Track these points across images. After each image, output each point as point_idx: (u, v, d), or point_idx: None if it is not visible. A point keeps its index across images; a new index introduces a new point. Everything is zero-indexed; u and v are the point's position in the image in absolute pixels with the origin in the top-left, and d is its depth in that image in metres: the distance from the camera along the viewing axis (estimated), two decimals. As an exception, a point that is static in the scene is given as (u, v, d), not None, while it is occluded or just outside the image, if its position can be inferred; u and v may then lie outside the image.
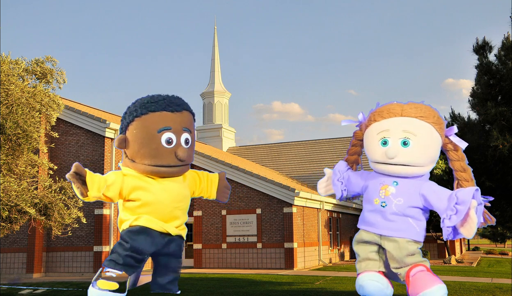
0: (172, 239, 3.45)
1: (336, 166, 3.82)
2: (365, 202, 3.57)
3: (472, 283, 13.33)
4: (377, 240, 3.46)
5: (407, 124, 3.39)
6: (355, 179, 3.73)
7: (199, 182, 3.73)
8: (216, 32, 35.78)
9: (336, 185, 3.76)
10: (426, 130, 3.39)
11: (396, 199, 3.36)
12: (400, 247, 3.34)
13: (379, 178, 3.49)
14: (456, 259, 26.34)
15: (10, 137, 9.90)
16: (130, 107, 3.41)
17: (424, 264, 3.34)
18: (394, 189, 3.39)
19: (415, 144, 3.35)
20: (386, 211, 3.37)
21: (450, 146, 3.51)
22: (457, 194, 3.21)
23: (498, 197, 10.47)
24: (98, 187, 3.23)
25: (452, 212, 3.18)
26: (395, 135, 3.38)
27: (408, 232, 3.35)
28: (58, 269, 19.17)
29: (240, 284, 13.28)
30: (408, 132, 3.36)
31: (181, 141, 3.34)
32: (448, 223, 3.19)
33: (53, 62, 10.97)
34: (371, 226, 3.46)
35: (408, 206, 3.35)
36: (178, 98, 3.46)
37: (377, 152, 3.44)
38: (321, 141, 33.50)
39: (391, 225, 3.37)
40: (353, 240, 3.64)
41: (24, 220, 10.32)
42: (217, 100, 34.38)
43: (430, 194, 3.33)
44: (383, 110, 3.52)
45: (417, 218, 3.38)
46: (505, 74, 9.81)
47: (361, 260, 3.58)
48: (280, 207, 20.02)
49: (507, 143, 9.04)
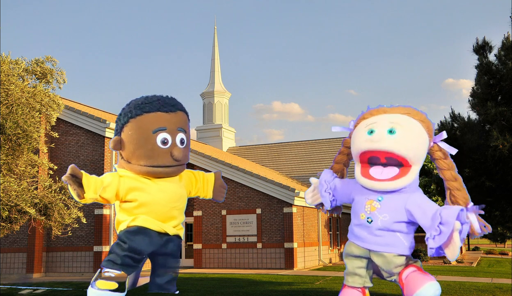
0: (170, 238, 3.45)
1: (322, 176, 3.76)
2: (352, 215, 3.57)
3: (472, 283, 13.31)
4: (366, 254, 3.47)
5: (395, 117, 3.42)
6: (342, 189, 3.69)
7: (195, 181, 3.73)
8: (216, 32, 35.80)
9: (324, 196, 3.70)
10: (413, 124, 3.40)
11: (382, 215, 3.34)
12: (388, 261, 3.35)
13: (365, 193, 3.46)
14: (456, 259, 26.36)
15: (10, 137, 9.89)
16: (125, 109, 3.41)
17: (415, 265, 3.34)
18: (379, 204, 3.36)
19: (401, 133, 3.32)
20: (372, 227, 3.36)
21: (439, 154, 3.46)
22: (441, 213, 3.16)
23: (498, 197, 10.45)
24: (94, 189, 3.22)
25: (435, 232, 3.14)
26: (382, 126, 3.38)
27: (395, 247, 3.34)
28: (58, 269, 19.18)
29: (240, 284, 13.28)
30: (395, 123, 3.36)
31: (176, 142, 3.34)
32: (432, 243, 3.16)
33: (53, 62, 10.98)
34: (360, 240, 3.46)
35: (393, 222, 3.33)
36: (172, 99, 3.47)
37: (362, 138, 3.41)
38: (321, 141, 33.48)
39: (378, 240, 3.36)
40: (343, 251, 3.64)
41: (24, 220, 10.32)
42: (217, 100, 34.37)
43: (415, 209, 3.29)
44: (372, 110, 3.56)
45: (405, 232, 3.36)
46: (505, 74, 9.79)
47: (348, 273, 3.60)
48: (280, 207, 20.02)
49: (507, 143, 9.02)
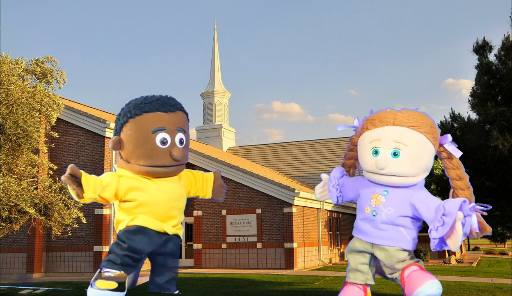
0: (169, 238, 3.45)
1: (332, 173, 3.89)
2: (357, 210, 3.64)
3: (472, 283, 13.32)
4: (369, 249, 3.52)
5: (398, 134, 3.40)
6: (350, 186, 3.78)
7: (194, 181, 3.74)
8: (216, 32, 35.79)
9: (331, 191, 3.83)
10: (418, 140, 3.40)
11: (386, 208, 3.40)
12: (390, 255, 3.39)
13: (370, 187, 3.54)
14: (456, 259, 26.36)
15: (10, 137, 9.90)
16: (124, 109, 3.42)
17: (417, 264, 3.37)
18: (384, 198, 3.43)
19: (406, 154, 3.36)
20: (377, 220, 3.42)
21: (444, 154, 3.53)
22: (444, 205, 3.22)
23: (498, 197, 10.45)
24: (93, 188, 3.23)
25: (439, 223, 3.19)
26: (386, 146, 3.40)
27: (398, 241, 3.39)
28: (58, 269, 19.18)
29: (240, 284, 13.28)
30: (399, 142, 3.38)
31: (175, 141, 3.34)
32: (435, 234, 3.21)
33: (53, 62, 10.98)
34: (364, 234, 3.52)
35: (398, 216, 3.38)
36: (171, 99, 3.47)
37: (368, 162, 3.50)
38: (321, 141, 33.46)
39: (382, 233, 3.42)
40: (347, 248, 3.69)
41: (24, 220, 10.32)
42: (217, 100, 34.37)
43: (419, 204, 3.35)
44: (375, 119, 3.53)
45: (408, 227, 3.41)
46: (505, 74, 9.79)
47: (351, 269, 3.64)
48: (280, 207, 20.02)
49: (507, 143, 9.02)
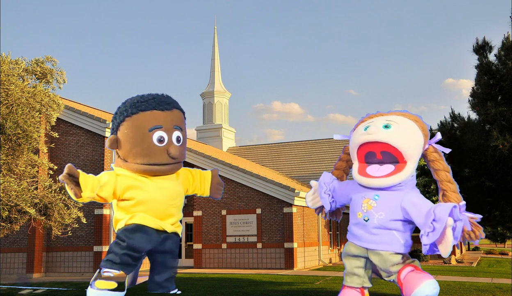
0: (168, 236, 3.45)
1: (321, 178, 3.84)
2: (350, 214, 3.64)
3: (472, 283, 13.28)
4: (364, 254, 3.52)
5: (391, 117, 3.55)
6: (341, 190, 3.77)
7: (192, 179, 3.74)
8: (216, 32, 35.79)
9: (323, 197, 3.78)
10: (409, 123, 3.47)
11: (378, 213, 3.40)
12: (384, 259, 3.40)
13: (361, 191, 3.52)
14: (456, 259, 26.35)
15: (10, 137, 9.90)
16: (120, 108, 3.41)
17: (412, 264, 3.36)
18: (375, 203, 3.43)
19: (396, 128, 3.42)
20: (369, 225, 3.42)
21: (435, 155, 3.53)
22: (435, 210, 3.20)
23: (498, 197, 10.46)
24: (91, 188, 3.22)
25: (429, 229, 3.19)
26: (378, 122, 3.49)
27: (391, 245, 3.39)
28: (58, 269, 19.18)
29: (240, 284, 13.27)
30: (390, 120, 3.47)
31: (172, 139, 3.34)
32: (426, 240, 3.20)
33: (53, 62, 10.98)
34: (357, 239, 3.52)
35: (389, 220, 3.38)
36: (168, 97, 3.46)
37: (358, 133, 3.51)
38: (321, 141, 33.44)
39: (375, 238, 3.42)
40: (342, 251, 3.68)
41: (24, 220, 10.32)
42: (217, 100, 34.37)
43: (410, 208, 3.34)
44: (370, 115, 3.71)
45: (401, 230, 3.41)
46: (505, 74, 9.79)
47: (347, 273, 3.65)
48: (280, 207, 20.01)
49: (507, 143, 9.02)
